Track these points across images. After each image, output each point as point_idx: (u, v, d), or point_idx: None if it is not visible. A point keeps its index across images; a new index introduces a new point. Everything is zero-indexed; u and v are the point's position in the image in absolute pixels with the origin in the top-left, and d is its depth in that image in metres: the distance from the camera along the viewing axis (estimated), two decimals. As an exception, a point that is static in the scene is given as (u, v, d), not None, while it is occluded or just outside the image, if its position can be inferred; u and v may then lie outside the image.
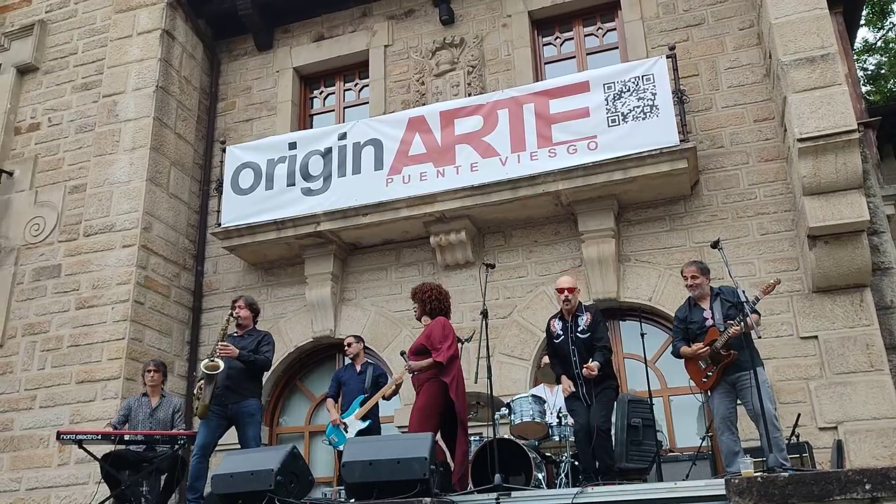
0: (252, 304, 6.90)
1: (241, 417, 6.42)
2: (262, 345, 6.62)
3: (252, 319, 6.83)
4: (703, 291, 5.82)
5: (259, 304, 9.23)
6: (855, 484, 4.05)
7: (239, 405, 6.42)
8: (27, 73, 10.49)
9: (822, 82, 6.90)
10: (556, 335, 6.17)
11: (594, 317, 6.10)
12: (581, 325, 6.03)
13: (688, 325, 5.81)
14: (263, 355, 6.56)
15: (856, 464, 6.52)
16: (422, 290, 6.26)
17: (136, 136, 9.34)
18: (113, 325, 8.55)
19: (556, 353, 6.18)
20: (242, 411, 6.42)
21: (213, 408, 6.34)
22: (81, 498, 7.69)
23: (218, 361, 6.22)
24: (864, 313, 7.09)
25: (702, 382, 5.68)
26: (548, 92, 8.20)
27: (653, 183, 7.79)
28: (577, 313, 6.12)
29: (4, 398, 8.73)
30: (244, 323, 6.75)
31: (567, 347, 6.04)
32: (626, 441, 6.15)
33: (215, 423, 6.41)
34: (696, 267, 5.85)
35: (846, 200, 6.80)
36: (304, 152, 8.93)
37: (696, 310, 5.81)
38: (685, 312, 5.89)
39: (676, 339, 5.90)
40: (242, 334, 6.71)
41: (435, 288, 6.29)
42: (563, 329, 6.12)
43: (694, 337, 5.76)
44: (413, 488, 4.77)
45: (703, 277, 5.82)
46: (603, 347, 5.96)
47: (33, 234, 9.48)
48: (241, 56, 10.62)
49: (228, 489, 5.26)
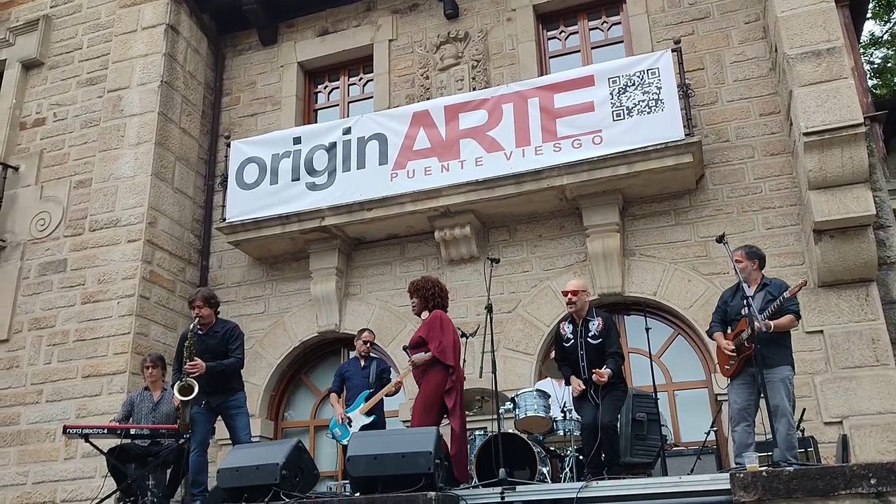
0: (209, 298, 6.57)
1: (228, 411, 6.40)
2: (231, 342, 6.43)
3: (214, 314, 6.56)
4: (749, 276, 5.67)
5: (264, 298, 9.37)
6: (860, 479, 4.04)
7: (226, 401, 6.39)
8: (32, 69, 10.51)
9: (829, 76, 6.87)
10: (566, 339, 6.11)
11: (606, 322, 6.03)
12: (592, 331, 5.98)
13: (727, 308, 5.75)
14: (235, 356, 6.39)
15: (861, 459, 6.50)
16: (423, 284, 6.24)
17: (140, 131, 9.35)
18: (118, 319, 8.58)
19: (566, 357, 6.13)
20: (229, 405, 6.40)
21: (199, 407, 6.31)
22: (88, 491, 7.73)
23: (191, 382, 6.08)
24: (870, 308, 7.07)
25: (725, 370, 5.65)
26: (552, 86, 8.18)
27: (658, 177, 7.77)
28: (588, 318, 6.06)
29: (11, 392, 8.77)
30: (206, 321, 6.47)
31: (577, 353, 5.99)
32: (630, 436, 6.15)
33: (206, 418, 6.38)
34: (743, 251, 5.73)
35: (852, 194, 6.77)
36: (308, 147, 8.93)
37: (738, 295, 5.66)
38: (729, 294, 5.81)
39: (714, 321, 5.83)
40: (207, 332, 6.46)
41: (436, 282, 6.29)
42: (574, 333, 6.07)
43: (730, 321, 5.70)
44: (418, 482, 4.78)
45: (750, 262, 5.68)
46: (615, 354, 5.90)
47: (39, 229, 9.51)
48: (246, 51, 10.62)
49: (234, 483, 5.28)
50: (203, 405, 6.31)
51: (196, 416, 6.32)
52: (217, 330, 6.51)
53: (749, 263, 5.69)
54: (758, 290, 5.62)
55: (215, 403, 6.36)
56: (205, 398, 6.26)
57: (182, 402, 6.13)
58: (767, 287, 5.60)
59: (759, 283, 5.67)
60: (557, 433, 6.42)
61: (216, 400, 6.35)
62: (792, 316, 5.45)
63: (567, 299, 6.08)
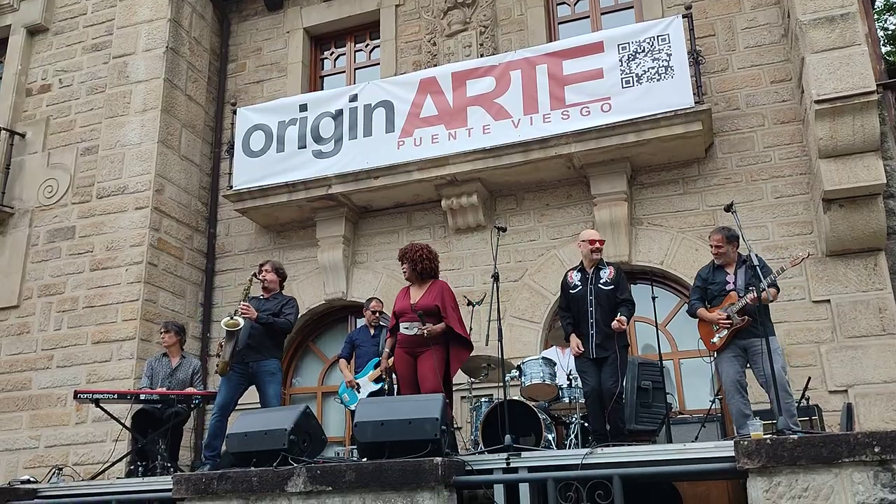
0: (279, 268, 6.91)
1: (262, 376, 6.48)
2: (285, 307, 6.65)
3: (279, 284, 6.85)
4: (728, 259, 5.82)
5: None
6: (864, 447, 4.06)
7: (259, 364, 6.47)
8: (37, 34, 10.45)
9: (842, 42, 6.77)
10: (573, 285, 6.11)
11: (617, 270, 6.09)
12: (604, 278, 6.00)
13: (708, 286, 5.82)
14: (285, 318, 6.58)
15: (865, 427, 6.55)
16: (411, 250, 6.24)
17: (146, 97, 9.32)
18: (127, 286, 8.64)
19: (570, 306, 6.12)
20: (263, 370, 6.48)
21: (234, 366, 6.41)
22: (99, 455, 7.85)
23: (238, 319, 6.29)
24: (878, 277, 7.05)
25: (711, 344, 5.71)
26: (561, 52, 8.09)
27: (666, 145, 7.71)
28: (599, 266, 6.09)
29: (22, 358, 8.88)
30: (270, 287, 6.77)
31: (585, 298, 5.98)
32: (635, 403, 6.19)
33: (235, 382, 6.48)
34: (722, 235, 5.81)
35: (863, 163, 6.71)
36: (315, 114, 8.88)
37: (720, 272, 5.82)
38: (708, 272, 5.90)
39: (693, 298, 5.90)
40: (268, 297, 6.75)
41: (424, 247, 6.28)
42: (582, 280, 6.08)
43: (712, 298, 5.78)
44: (424, 448, 4.83)
45: (729, 245, 5.80)
46: (627, 301, 5.94)
47: (47, 196, 9.53)
48: (251, 16, 10.52)
49: (242, 448, 5.35)
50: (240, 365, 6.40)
51: (226, 379, 6.40)
52: (276, 297, 6.76)
53: (730, 247, 5.82)
54: (737, 266, 5.77)
55: (250, 360, 6.43)
56: (244, 354, 6.38)
57: (225, 338, 6.29)
58: (747, 263, 5.67)
59: (739, 260, 5.80)
60: (563, 400, 6.46)
61: (251, 357, 6.43)
62: (774, 289, 5.62)
63: (594, 247, 6.07)
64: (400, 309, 6.14)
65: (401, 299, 6.20)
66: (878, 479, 4.03)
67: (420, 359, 5.95)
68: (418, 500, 4.58)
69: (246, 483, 4.96)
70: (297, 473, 4.86)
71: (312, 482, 4.80)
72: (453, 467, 4.78)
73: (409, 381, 5.99)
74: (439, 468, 4.58)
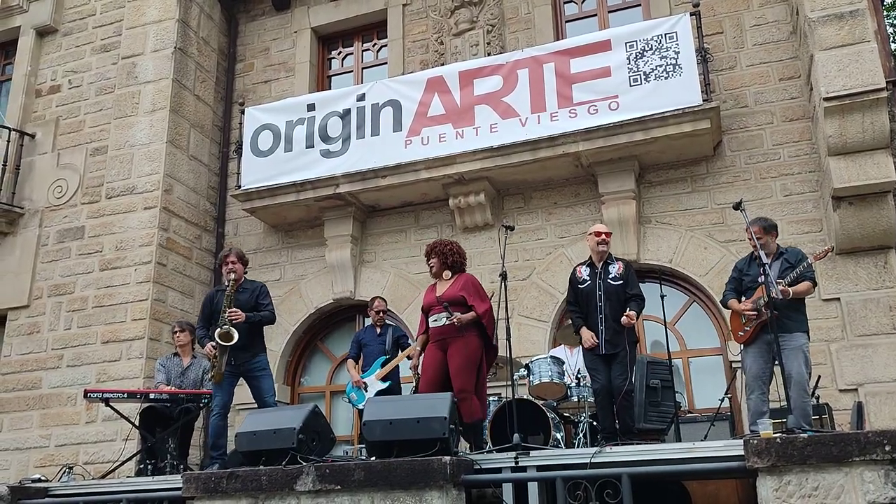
0: (242, 256, 6.65)
1: (254, 372, 6.44)
2: (261, 298, 6.54)
3: (244, 272, 6.64)
4: (769, 249, 5.62)
5: (279, 265, 9.43)
6: (874, 445, 4.04)
7: (249, 362, 6.43)
8: (46, 35, 10.50)
9: (851, 39, 6.73)
10: (581, 280, 6.08)
11: (627, 266, 6.07)
12: (613, 273, 5.98)
13: (742, 277, 5.74)
14: (267, 310, 6.51)
15: (876, 426, 6.52)
16: (441, 244, 6.19)
17: (155, 98, 9.35)
18: (136, 286, 8.67)
19: (579, 301, 6.09)
20: (254, 367, 6.45)
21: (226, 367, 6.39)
22: (109, 454, 7.88)
23: (232, 331, 6.18)
24: (888, 275, 7.01)
25: (738, 336, 5.64)
26: (568, 51, 8.08)
27: (675, 143, 7.69)
28: (608, 261, 6.07)
29: (32, 357, 8.92)
30: (238, 277, 6.52)
31: (594, 293, 5.96)
32: (644, 402, 6.16)
33: (229, 381, 6.43)
34: (760, 226, 5.66)
35: (872, 160, 6.68)
36: (322, 114, 8.90)
37: (755, 264, 5.65)
38: (744, 264, 5.81)
39: (728, 290, 5.82)
40: (238, 289, 6.52)
41: (453, 242, 6.26)
42: (591, 275, 6.05)
43: (746, 290, 5.68)
44: (433, 447, 4.83)
45: (768, 235, 5.64)
46: (637, 297, 5.91)
47: (56, 197, 9.57)
48: (259, 16, 10.54)
49: (252, 447, 5.37)
50: (229, 366, 6.35)
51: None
52: (246, 287, 6.59)
53: (768, 237, 5.64)
54: (774, 258, 5.60)
55: (240, 361, 6.39)
56: (231, 356, 6.31)
57: (220, 350, 6.20)
58: (784, 255, 5.60)
59: (777, 252, 5.65)
60: (571, 399, 6.46)
61: (241, 357, 6.38)
62: (809, 283, 5.45)
63: (601, 239, 6.05)
64: (427, 304, 6.06)
65: (427, 295, 6.13)
66: (889, 478, 4.01)
67: (451, 350, 5.78)
68: (427, 498, 4.59)
69: (255, 482, 4.98)
70: (306, 472, 4.87)
71: (321, 481, 4.81)
72: (462, 466, 4.79)
73: (431, 379, 5.78)
74: (448, 467, 4.59)
